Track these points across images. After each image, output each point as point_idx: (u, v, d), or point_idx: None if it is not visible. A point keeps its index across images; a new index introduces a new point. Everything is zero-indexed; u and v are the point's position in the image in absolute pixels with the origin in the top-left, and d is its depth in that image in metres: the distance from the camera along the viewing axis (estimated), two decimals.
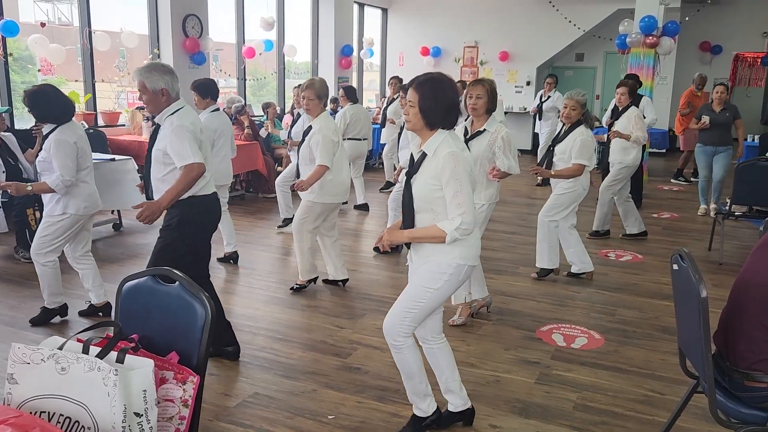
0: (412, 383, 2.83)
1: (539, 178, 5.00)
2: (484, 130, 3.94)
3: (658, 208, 8.06)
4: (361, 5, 13.23)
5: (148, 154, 3.40)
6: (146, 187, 3.47)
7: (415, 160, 2.66)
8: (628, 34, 8.68)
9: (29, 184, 3.94)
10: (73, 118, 4.00)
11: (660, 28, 8.44)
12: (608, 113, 7.96)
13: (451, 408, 2.95)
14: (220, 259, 5.52)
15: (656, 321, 4.32)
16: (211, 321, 1.91)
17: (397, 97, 8.07)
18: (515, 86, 13.18)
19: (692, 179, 9.73)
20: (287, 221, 6.49)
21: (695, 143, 7.60)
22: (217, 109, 5.31)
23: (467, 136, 3.95)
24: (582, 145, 4.72)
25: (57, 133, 3.83)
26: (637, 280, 5.21)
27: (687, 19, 11.65)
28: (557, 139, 4.97)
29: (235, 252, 5.53)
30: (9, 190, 3.99)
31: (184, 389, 1.83)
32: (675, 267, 2.51)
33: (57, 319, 4.18)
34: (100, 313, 4.30)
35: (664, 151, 13.07)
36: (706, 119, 7.08)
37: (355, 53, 12.36)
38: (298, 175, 4.70)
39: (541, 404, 3.20)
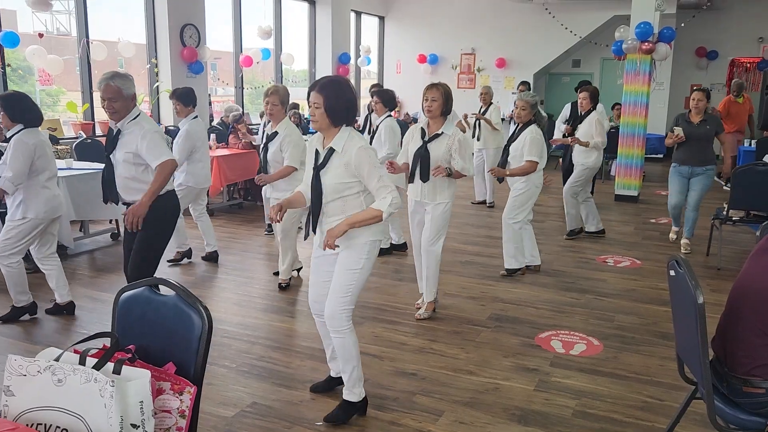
0: (351, 366, 3.03)
1: (495, 177, 5.27)
2: (442, 133, 4.15)
3: (656, 213, 8.07)
4: (358, 13, 13.29)
5: (110, 158, 3.67)
6: (108, 189, 3.71)
7: (323, 156, 2.88)
8: (624, 41, 8.70)
9: None
10: (39, 127, 4.12)
11: (656, 35, 8.45)
12: (561, 117, 8.17)
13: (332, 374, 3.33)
14: (203, 258, 5.82)
15: (655, 327, 4.31)
16: (209, 331, 1.91)
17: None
18: (512, 93, 13.21)
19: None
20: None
21: (736, 148, 7.55)
22: (196, 117, 5.50)
23: (425, 138, 4.17)
24: (532, 143, 4.97)
25: (20, 135, 3.98)
26: (635, 285, 5.21)
27: (683, 25, 11.69)
28: (511, 139, 5.23)
29: (216, 251, 5.81)
30: None
31: (181, 400, 1.83)
32: (672, 273, 2.51)
33: (26, 316, 4.34)
34: (65, 311, 4.44)
35: (661, 156, 13.09)
36: (679, 131, 5.81)
37: (352, 61, 12.40)
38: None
39: (541, 411, 3.19)
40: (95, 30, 7.92)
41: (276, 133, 4.82)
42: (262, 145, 4.96)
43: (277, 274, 5.25)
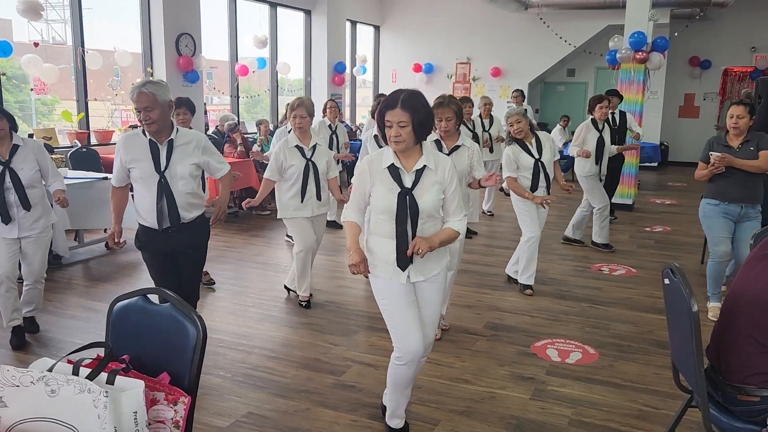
0: (407, 392, 2.95)
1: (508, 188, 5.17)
2: (461, 145, 3.99)
3: (651, 221, 8.10)
4: (354, 23, 13.34)
5: (165, 175, 3.22)
6: (172, 212, 3.26)
7: (413, 176, 2.64)
8: (618, 50, 8.76)
9: (64, 198, 4.05)
10: None
11: (649, 44, 8.52)
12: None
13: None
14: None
15: (650, 335, 4.32)
16: (203, 341, 1.90)
17: None
18: (507, 102, 13.27)
19: None
20: None
21: None
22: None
23: (445, 152, 3.97)
24: (555, 144, 5.12)
25: (30, 139, 4.01)
26: (630, 294, 5.22)
27: (676, 34, 11.77)
28: (530, 154, 4.93)
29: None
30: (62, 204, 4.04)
31: (175, 410, 1.82)
32: (666, 281, 2.52)
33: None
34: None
35: (656, 164, 13.16)
36: (716, 156, 4.40)
37: (348, 70, 12.44)
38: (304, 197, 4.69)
39: (537, 420, 3.18)
40: (91, 39, 7.93)
41: (316, 145, 4.66)
42: (303, 165, 4.59)
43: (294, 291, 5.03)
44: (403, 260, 2.67)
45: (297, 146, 4.59)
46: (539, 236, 5.09)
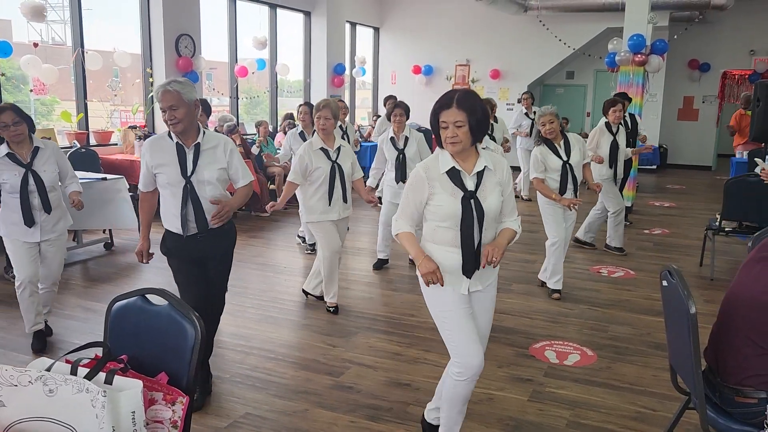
0: (464, 409, 2.79)
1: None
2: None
3: (650, 224, 8.10)
4: (354, 24, 13.35)
5: (192, 180, 3.11)
6: (199, 217, 3.16)
7: (474, 178, 2.54)
8: (617, 53, 8.78)
9: (80, 201, 4.05)
10: None
11: (648, 47, 8.54)
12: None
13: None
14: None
15: (648, 337, 4.32)
16: (202, 341, 1.91)
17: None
18: (507, 104, 13.29)
19: None
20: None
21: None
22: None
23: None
24: (585, 146, 5.04)
25: (47, 141, 3.96)
26: (629, 296, 5.23)
27: (675, 37, 11.79)
28: (559, 155, 4.83)
29: None
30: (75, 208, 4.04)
31: (173, 410, 1.82)
32: (664, 283, 2.52)
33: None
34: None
35: (654, 167, 13.17)
36: (764, 165, 4.34)
37: (347, 72, 12.44)
38: (341, 195, 4.65)
39: (535, 422, 3.19)
40: (91, 40, 7.93)
41: (341, 147, 4.60)
42: (329, 167, 4.55)
43: (314, 296, 5.02)
44: (470, 268, 2.55)
45: (322, 148, 4.53)
46: (565, 240, 5.07)
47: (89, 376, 1.71)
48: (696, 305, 2.24)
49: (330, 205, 4.57)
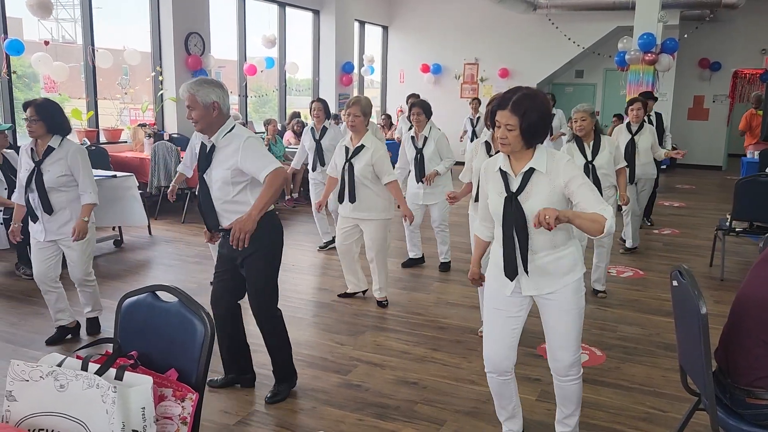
0: (577, 409, 2.81)
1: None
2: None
3: (660, 224, 8.06)
4: (362, 23, 13.36)
5: (204, 180, 3.14)
6: (208, 215, 3.18)
7: (518, 180, 2.49)
8: (627, 51, 8.75)
9: (83, 218, 3.87)
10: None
11: (659, 45, 8.50)
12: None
13: None
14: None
15: (658, 337, 4.30)
16: (211, 338, 1.91)
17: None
18: None
19: None
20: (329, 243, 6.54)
21: None
22: None
23: (491, 153, 3.85)
24: (618, 149, 4.90)
25: (74, 145, 3.87)
26: (638, 296, 5.20)
27: (686, 36, 11.73)
28: (584, 154, 4.71)
29: None
30: (76, 238, 3.87)
31: (182, 406, 1.83)
32: (675, 283, 2.51)
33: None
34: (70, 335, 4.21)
35: (664, 167, 13.10)
36: None
37: (355, 70, 12.46)
38: (341, 198, 4.66)
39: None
40: (101, 38, 7.98)
41: (362, 146, 4.50)
42: (344, 162, 4.58)
43: (343, 296, 5.08)
44: (511, 269, 2.57)
45: (345, 145, 4.60)
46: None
47: (100, 372, 1.72)
48: (706, 306, 2.22)
49: (340, 202, 4.65)
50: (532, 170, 2.47)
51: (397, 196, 4.60)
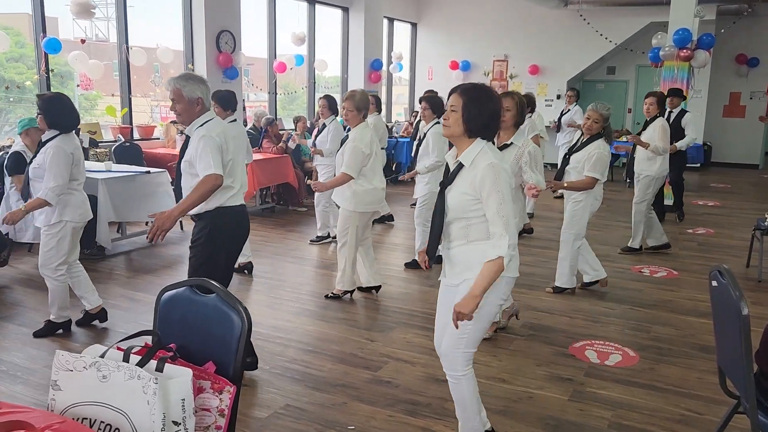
0: (466, 415, 2.72)
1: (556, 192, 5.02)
2: (511, 143, 3.95)
3: (693, 223, 7.90)
4: (391, 20, 13.35)
5: (178, 166, 3.40)
6: (177, 199, 3.40)
7: (451, 171, 2.56)
8: (661, 47, 8.58)
9: (23, 205, 3.91)
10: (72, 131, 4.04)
11: (695, 41, 8.32)
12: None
13: None
14: (234, 271, 5.66)
15: (693, 339, 4.22)
16: (248, 332, 1.93)
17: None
18: (545, 99, 13.12)
19: None
20: (321, 237, 6.66)
21: None
22: (235, 120, 5.47)
23: None
24: (597, 159, 4.62)
25: (57, 141, 3.87)
26: (672, 296, 5.11)
27: (723, 31, 11.47)
28: (573, 149, 4.89)
29: (250, 262, 5.59)
30: (3, 221, 3.93)
31: (220, 399, 1.85)
32: (714, 283, 2.46)
33: (59, 332, 4.17)
34: (97, 320, 4.31)
35: (698, 165, 12.84)
36: None
37: (384, 67, 12.45)
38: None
39: (575, 422, 3.14)
40: (134, 36, 8.11)
41: (347, 137, 4.75)
42: (338, 148, 4.87)
43: (362, 289, 5.11)
44: (431, 250, 2.68)
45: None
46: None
47: (141, 364, 1.75)
48: (747, 307, 2.18)
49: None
50: (461, 164, 2.53)
51: (332, 182, 4.75)
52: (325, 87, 12.09)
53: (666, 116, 7.23)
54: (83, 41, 7.45)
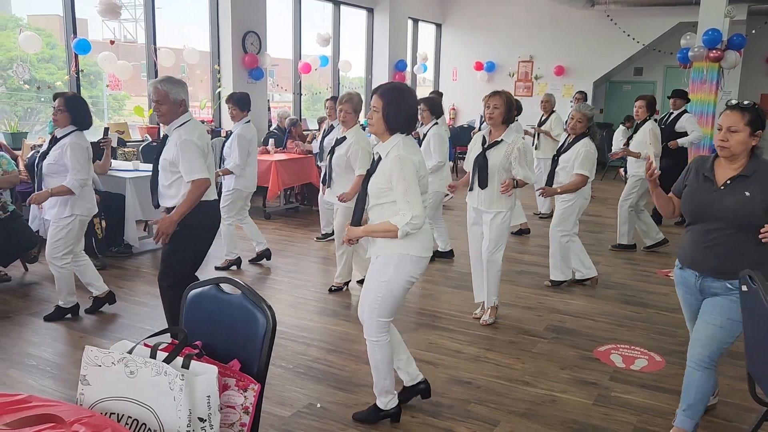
0: (377, 377, 3.04)
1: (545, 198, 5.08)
2: (502, 140, 4.14)
3: None
4: (416, 21, 13.34)
5: (155, 163, 3.61)
6: (153, 194, 3.68)
7: (375, 162, 2.91)
8: (690, 48, 8.45)
9: (49, 189, 4.09)
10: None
11: (725, 42, 8.18)
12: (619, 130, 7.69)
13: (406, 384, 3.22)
14: (252, 260, 5.86)
15: None
16: (273, 330, 1.95)
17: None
18: (570, 101, 12.98)
19: None
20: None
21: None
22: (249, 121, 5.59)
23: (485, 145, 4.16)
24: (585, 157, 4.79)
25: (73, 137, 4.09)
26: None
27: (753, 32, 11.23)
28: (561, 150, 5.07)
29: (267, 249, 5.85)
30: (29, 202, 4.16)
31: (245, 396, 1.87)
32: (744, 288, 2.41)
33: (68, 316, 4.44)
34: (107, 302, 4.56)
35: None
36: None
37: (408, 68, 12.45)
38: (325, 181, 5.08)
39: (600, 426, 3.11)
40: (162, 37, 8.22)
41: (344, 138, 4.86)
42: (327, 150, 4.97)
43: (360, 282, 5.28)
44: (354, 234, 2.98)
45: (336, 137, 5.02)
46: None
47: (168, 360, 1.77)
48: None
49: (323, 184, 5.11)
50: (380, 156, 2.86)
51: (353, 189, 4.76)
52: (349, 87, 12.12)
53: (667, 118, 7.16)
54: (112, 42, 7.57)
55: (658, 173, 2.79)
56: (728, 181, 2.63)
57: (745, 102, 2.69)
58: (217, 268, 5.65)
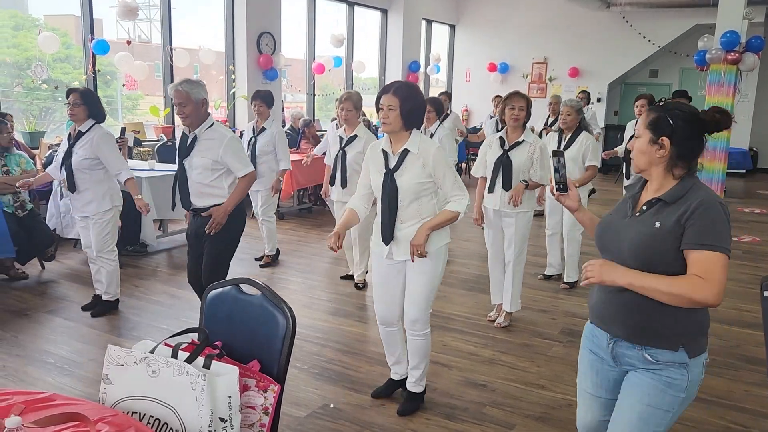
0: (425, 363, 3.21)
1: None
2: (523, 140, 4.16)
3: (738, 231, 7.68)
4: (429, 22, 13.33)
5: (183, 164, 3.62)
6: (183, 195, 3.67)
7: (395, 159, 2.91)
8: (707, 50, 8.37)
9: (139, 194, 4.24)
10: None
11: (743, 44, 8.10)
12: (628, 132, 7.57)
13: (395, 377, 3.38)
14: (258, 259, 5.91)
15: (738, 350, 4.10)
16: (293, 331, 1.95)
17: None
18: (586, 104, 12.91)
19: None
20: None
21: None
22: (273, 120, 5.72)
23: (506, 147, 4.17)
24: (594, 148, 4.94)
25: (99, 129, 4.17)
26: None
27: None
28: (562, 147, 4.99)
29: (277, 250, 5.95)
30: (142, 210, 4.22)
31: (265, 397, 1.88)
32: (766, 294, 2.39)
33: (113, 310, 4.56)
34: (111, 309, 4.54)
35: (743, 171, 12.49)
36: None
37: (422, 69, 12.44)
38: (332, 182, 5.07)
39: None
40: (177, 38, 8.27)
41: (355, 136, 4.89)
42: (338, 150, 4.96)
43: (344, 278, 5.44)
44: (386, 235, 2.98)
45: (339, 136, 5.01)
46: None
47: (189, 360, 1.78)
48: None
49: (331, 185, 5.10)
50: (407, 151, 2.88)
51: None
52: (362, 88, 12.14)
53: None
54: (129, 42, 7.63)
55: (556, 195, 2.23)
56: (644, 207, 1.94)
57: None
58: (260, 265, 5.83)
